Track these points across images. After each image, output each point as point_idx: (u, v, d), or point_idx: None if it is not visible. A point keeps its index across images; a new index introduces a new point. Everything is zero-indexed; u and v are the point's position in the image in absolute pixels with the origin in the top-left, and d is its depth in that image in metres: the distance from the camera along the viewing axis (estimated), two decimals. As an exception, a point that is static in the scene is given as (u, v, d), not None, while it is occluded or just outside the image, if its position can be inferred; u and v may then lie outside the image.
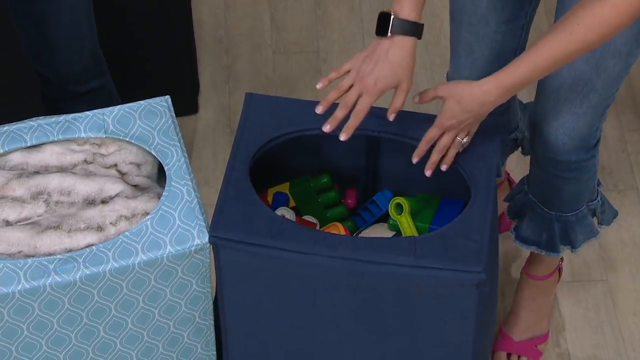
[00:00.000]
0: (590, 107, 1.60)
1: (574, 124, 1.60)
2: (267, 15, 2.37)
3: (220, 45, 2.31)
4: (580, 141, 1.62)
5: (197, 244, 1.42)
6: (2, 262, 1.37)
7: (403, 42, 1.41)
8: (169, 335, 1.51)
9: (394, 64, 1.41)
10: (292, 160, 1.61)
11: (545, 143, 1.64)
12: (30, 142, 1.47)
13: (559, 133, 1.61)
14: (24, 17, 1.67)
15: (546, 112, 1.61)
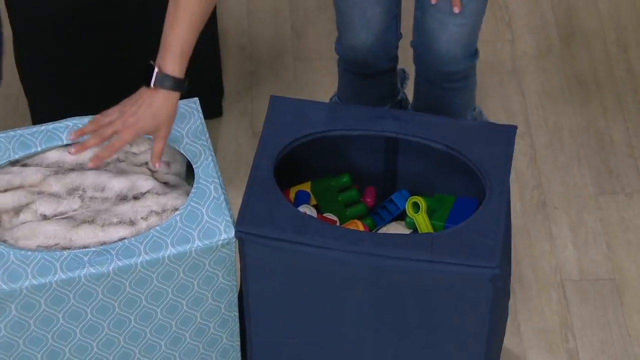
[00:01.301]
0: (472, 15, 1.72)
1: (460, 34, 1.72)
2: (288, 23, 2.39)
3: (244, 53, 2.34)
4: (467, 48, 1.75)
5: (223, 239, 1.45)
6: (40, 254, 1.40)
7: (165, 95, 1.45)
8: (195, 326, 1.53)
9: (156, 112, 1.45)
10: (314, 161, 1.63)
11: (437, 57, 1.75)
12: (66, 141, 1.50)
13: (450, 45, 1.73)
14: None
15: (434, 30, 1.73)
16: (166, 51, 1.44)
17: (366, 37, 1.75)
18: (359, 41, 1.75)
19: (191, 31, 1.43)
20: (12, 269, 1.39)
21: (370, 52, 1.78)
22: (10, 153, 1.48)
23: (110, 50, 2.02)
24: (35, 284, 1.39)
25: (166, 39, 1.44)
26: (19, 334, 1.43)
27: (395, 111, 1.54)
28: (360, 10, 1.72)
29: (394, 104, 1.96)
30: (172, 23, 1.44)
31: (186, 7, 1.42)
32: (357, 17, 1.73)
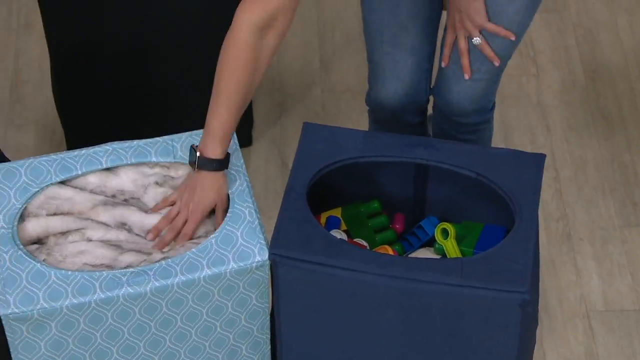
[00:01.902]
0: (487, 73, 1.75)
1: (472, 88, 1.75)
2: (317, 57, 2.44)
3: (273, 84, 2.39)
4: (477, 104, 1.78)
5: (257, 261, 1.48)
6: (80, 274, 1.44)
7: (211, 176, 1.53)
8: (228, 348, 1.56)
9: (209, 192, 1.53)
10: (345, 187, 1.67)
11: (447, 107, 1.79)
12: (106, 165, 1.55)
13: (460, 97, 1.76)
14: None
15: (448, 80, 1.76)
16: (208, 136, 1.51)
17: (396, 88, 1.78)
18: (388, 93, 1.78)
19: (231, 115, 1.50)
20: (53, 288, 1.43)
21: (399, 104, 1.81)
22: (52, 176, 1.52)
23: (144, 80, 2.07)
24: (75, 303, 1.42)
25: (208, 123, 1.52)
26: (58, 352, 1.46)
27: (425, 139, 1.58)
28: (393, 61, 1.75)
29: None
30: (213, 108, 1.51)
31: (226, 93, 1.48)
32: (388, 67, 1.76)
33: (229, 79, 1.47)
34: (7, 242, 1.45)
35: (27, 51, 2.38)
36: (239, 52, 1.46)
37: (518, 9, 1.67)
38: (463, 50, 1.70)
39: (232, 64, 1.46)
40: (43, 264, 1.44)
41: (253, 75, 1.48)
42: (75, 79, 2.05)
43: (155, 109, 2.10)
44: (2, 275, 1.42)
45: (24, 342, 1.44)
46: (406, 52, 1.74)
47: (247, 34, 1.45)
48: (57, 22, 1.96)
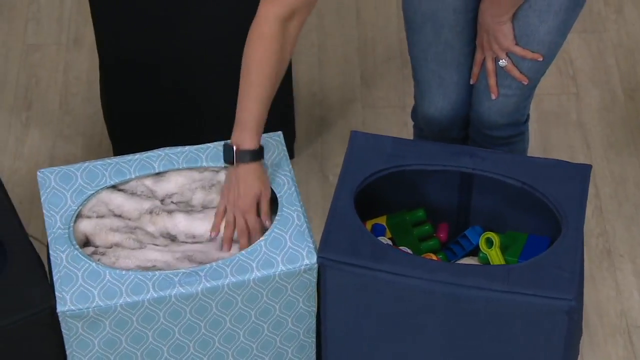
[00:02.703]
0: (518, 89, 1.77)
1: (503, 103, 1.78)
2: (358, 73, 2.48)
3: (315, 99, 2.43)
4: (509, 118, 1.80)
5: (306, 264, 1.51)
6: (134, 274, 1.48)
7: (250, 167, 1.56)
8: (275, 350, 1.59)
9: (251, 184, 1.56)
10: (390, 195, 1.70)
11: (479, 120, 1.81)
12: (158, 170, 1.59)
13: (491, 112, 1.79)
14: None
15: (480, 94, 1.79)
16: (240, 128, 1.54)
17: (443, 105, 1.81)
18: (436, 109, 1.82)
19: (262, 106, 1.53)
20: (107, 286, 1.47)
21: (446, 120, 1.84)
22: (107, 179, 1.57)
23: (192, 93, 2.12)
24: (129, 302, 1.46)
25: (239, 116, 1.55)
26: (111, 350, 1.50)
27: (470, 148, 1.61)
28: (439, 78, 1.79)
29: None
30: (243, 101, 1.54)
31: (255, 85, 1.52)
32: (435, 84, 1.79)
33: (257, 70, 1.50)
34: (63, 242, 1.49)
35: (76, 65, 2.44)
36: (265, 43, 1.49)
37: (549, 29, 1.69)
38: (490, 71, 1.73)
39: (259, 56, 1.49)
40: (98, 264, 1.48)
41: (279, 65, 1.52)
42: (124, 92, 2.10)
43: (203, 122, 2.14)
44: (59, 274, 1.47)
45: (78, 339, 1.48)
46: (452, 69, 1.77)
47: (272, 26, 1.49)
48: (109, 38, 2.01)
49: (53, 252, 1.48)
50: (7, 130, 2.35)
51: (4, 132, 2.34)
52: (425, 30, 1.74)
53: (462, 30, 1.74)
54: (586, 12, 2.53)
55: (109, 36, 2.02)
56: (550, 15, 1.67)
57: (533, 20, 1.68)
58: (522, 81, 1.73)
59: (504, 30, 1.68)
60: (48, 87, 2.43)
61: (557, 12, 1.67)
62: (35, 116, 2.37)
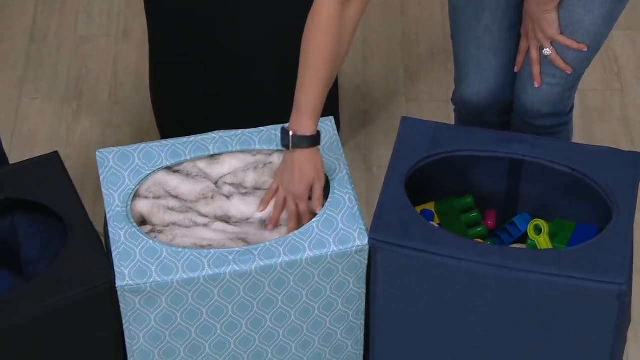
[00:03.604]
0: (562, 78, 1.76)
1: (547, 92, 1.77)
2: (402, 67, 2.50)
3: (359, 92, 2.45)
4: (552, 107, 1.79)
5: (357, 245, 1.53)
6: (190, 251, 1.50)
7: (306, 153, 1.56)
8: (324, 331, 1.61)
9: (306, 170, 1.56)
10: (439, 181, 1.71)
11: (522, 108, 1.80)
12: (213, 152, 1.61)
13: (535, 100, 1.78)
14: None
15: (523, 82, 1.78)
16: (298, 113, 1.55)
17: (479, 88, 1.81)
18: (472, 92, 1.82)
19: (320, 90, 1.53)
20: (164, 263, 1.49)
21: (483, 104, 1.84)
22: (163, 160, 1.59)
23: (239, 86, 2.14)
24: (185, 278, 1.48)
25: (297, 100, 1.55)
26: (166, 325, 1.52)
27: (520, 135, 1.61)
28: (477, 62, 1.79)
29: None
30: (301, 85, 1.55)
31: (314, 69, 1.52)
32: (472, 69, 1.80)
33: (315, 54, 1.50)
34: (122, 220, 1.52)
35: (125, 57, 2.48)
36: (324, 26, 1.49)
37: (595, 19, 1.69)
38: (534, 60, 1.73)
39: (318, 39, 1.50)
40: (155, 241, 1.51)
41: (338, 48, 1.52)
42: (173, 84, 2.13)
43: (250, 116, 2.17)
44: (117, 250, 1.49)
45: (136, 314, 1.50)
46: (490, 54, 1.78)
47: (331, 8, 1.49)
48: (160, 32, 2.05)
49: (112, 229, 1.51)
50: (59, 118, 2.39)
51: (56, 120, 2.38)
52: (467, 12, 1.75)
53: (502, 16, 1.74)
54: (631, 9, 2.53)
55: (161, 30, 2.05)
56: (596, 6, 1.67)
57: (579, 9, 1.68)
58: (566, 71, 1.73)
59: (549, 19, 1.68)
60: (98, 78, 2.46)
61: (603, 3, 1.67)
62: (85, 106, 2.41)
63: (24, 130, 2.35)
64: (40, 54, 2.48)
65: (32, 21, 2.55)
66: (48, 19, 2.55)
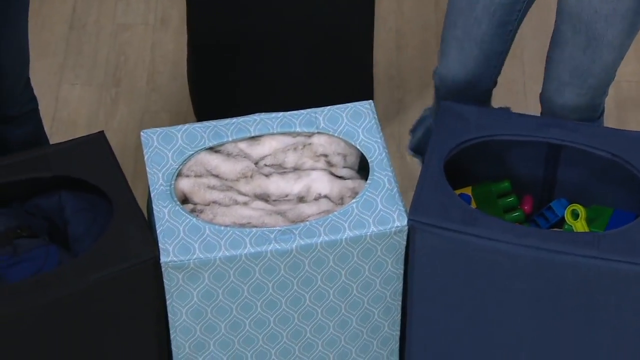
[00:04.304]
0: (590, 88, 1.76)
1: (575, 102, 1.77)
2: (435, 57, 2.50)
3: (393, 82, 2.46)
4: (583, 114, 1.78)
5: (396, 226, 1.54)
6: (232, 230, 1.52)
7: None
8: (362, 311, 1.62)
9: None
10: (476, 166, 1.72)
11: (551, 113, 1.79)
12: (254, 133, 1.63)
13: (565, 111, 1.78)
14: None
15: (551, 94, 1.78)
16: None
17: (458, 72, 1.83)
18: (450, 73, 1.83)
19: None
20: (207, 241, 1.51)
21: (460, 87, 1.85)
22: (205, 141, 1.61)
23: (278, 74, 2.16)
24: (227, 255, 1.50)
25: None
26: (208, 302, 1.54)
27: (559, 120, 1.62)
28: (461, 47, 1.80)
29: None
30: None
31: None
32: (455, 51, 1.81)
33: None
34: (166, 198, 1.54)
35: (162, 45, 2.50)
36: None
37: (617, 34, 1.68)
38: None
39: None
40: (198, 219, 1.52)
41: None
42: (210, 67, 2.15)
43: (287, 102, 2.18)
44: (162, 227, 1.51)
45: (179, 290, 1.52)
46: (475, 44, 1.79)
47: None
48: (199, 12, 2.06)
49: (156, 207, 1.53)
50: (97, 105, 2.41)
51: (95, 106, 2.41)
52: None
53: (494, 12, 1.75)
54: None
55: (199, 12, 2.07)
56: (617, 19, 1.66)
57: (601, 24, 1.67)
58: None
59: None
60: (136, 65, 2.49)
61: (624, 16, 1.66)
62: (123, 92, 2.44)
63: (64, 115, 2.38)
64: (80, 41, 2.51)
65: (72, 10, 2.58)
66: (88, 8, 2.58)
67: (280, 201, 1.60)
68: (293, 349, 1.63)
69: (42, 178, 1.54)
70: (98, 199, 1.59)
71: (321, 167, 1.62)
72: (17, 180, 1.53)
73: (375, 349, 1.67)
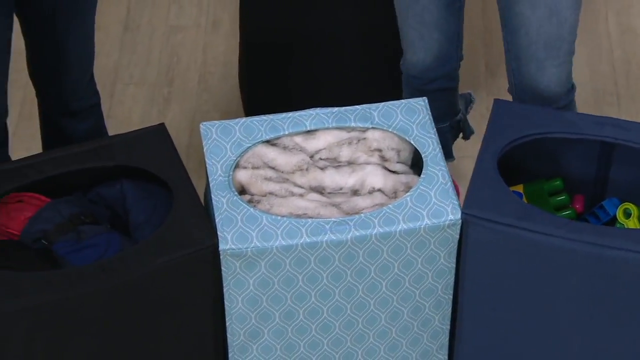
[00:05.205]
0: (565, 54, 1.81)
1: (558, 74, 1.82)
2: (483, 62, 2.51)
3: (440, 85, 2.47)
4: (565, 86, 1.84)
5: (450, 219, 1.55)
6: (288, 220, 1.54)
7: None
8: (413, 304, 1.63)
9: None
10: (528, 164, 1.72)
11: (538, 98, 1.84)
12: (310, 128, 1.65)
13: (551, 85, 1.82)
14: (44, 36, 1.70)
15: (532, 74, 1.83)
16: None
17: (425, 57, 1.89)
18: (418, 60, 1.90)
19: None
20: (264, 230, 1.53)
21: (428, 70, 1.92)
22: (262, 134, 1.64)
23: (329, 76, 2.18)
24: (284, 245, 1.52)
25: None
26: (263, 291, 1.56)
27: (613, 118, 1.62)
28: (420, 35, 1.86)
29: (451, 122, 2.09)
30: None
31: None
32: (416, 40, 1.87)
33: None
34: (224, 189, 1.56)
35: (214, 46, 2.54)
36: None
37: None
38: None
39: None
40: (256, 209, 1.55)
41: None
42: (263, 71, 2.18)
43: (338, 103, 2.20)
44: (220, 216, 1.54)
45: (236, 278, 1.54)
46: (432, 29, 1.85)
47: None
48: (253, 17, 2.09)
49: (215, 197, 1.55)
50: (151, 103, 2.45)
51: (148, 105, 2.45)
52: None
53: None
54: None
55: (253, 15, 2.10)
56: None
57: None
58: None
59: None
60: (188, 66, 2.52)
61: None
62: (176, 92, 2.47)
63: (118, 113, 2.42)
64: (134, 42, 2.55)
65: (127, 11, 2.62)
66: (141, 9, 2.63)
67: (334, 194, 1.62)
68: (345, 339, 1.64)
69: (104, 167, 1.58)
70: (158, 188, 1.62)
71: (375, 161, 1.64)
72: (81, 169, 1.57)
73: (425, 342, 1.68)
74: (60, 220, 1.53)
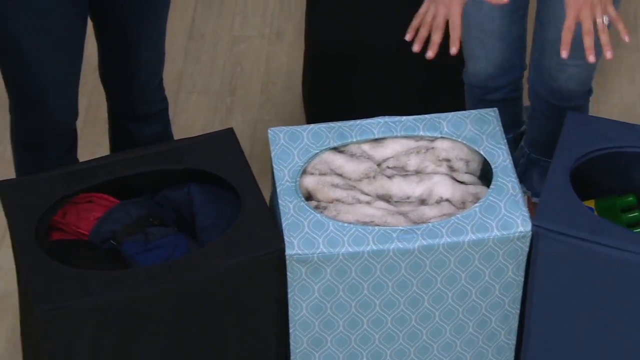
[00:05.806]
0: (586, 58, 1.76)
1: (579, 74, 1.81)
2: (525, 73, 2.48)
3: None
4: (584, 86, 1.83)
5: (520, 231, 1.52)
6: (355, 227, 1.52)
7: None
8: (479, 317, 1.60)
9: None
10: (601, 179, 1.69)
11: (555, 95, 1.83)
12: (377, 135, 1.63)
13: (569, 83, 1.81)
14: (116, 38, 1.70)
15: (552, 70, 1.81)
16: None
17: (487, 66, 1.87)
18: (480, 70, 1.88)
19: None
20: (331, 236, 1.51)
21: (491, 80, 1.90)
22: (330, 141, 1.62)
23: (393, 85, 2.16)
24: (350, 252, 1.50)
25: None
26: (328, 298, 1.55)
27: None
28: (482, 44, 1.84)
29: (515, 134, 2.06)
30: None
31: None
32: (477, 49, 1.85)
33: None
34: (291, 194, 1.55)
35: (277, 57, 2.54)
36: None
37: None
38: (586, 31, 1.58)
39: None
40: (322, 215, 1.53)
41: None
42: (328, 81, 2.17)
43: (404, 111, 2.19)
44: (287, 221, 1.52)
45: (301, 284, 1.53)
46: (494, 37, 1.83)
47: None
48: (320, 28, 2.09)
49: (282, 202, 1.54)
50: (214, 112, 2.46)
51: (211, 113, 2.45)
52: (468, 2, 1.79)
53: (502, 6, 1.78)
54: None
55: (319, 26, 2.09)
56: None
57: None
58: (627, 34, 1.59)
59: None
60: (251, 76, 2.53)
61: None
62: (238, 101, 2.48)
63: (181, 121, 2.43)
64: (198, 51, 2.56)
65: (192, 20, 2.64)
66: (206, 19, 2.64)
67: (401, 202, 1.59)
68: (408, 350, 1.62)
69: (172, 170, 1.58)
70: (225, 192, 1.61)
71: (443, 171, 1.62)
72: (149, 172, 1.57)
73: (490, 357, 1.64)
74: (129, 222, 1.54)
